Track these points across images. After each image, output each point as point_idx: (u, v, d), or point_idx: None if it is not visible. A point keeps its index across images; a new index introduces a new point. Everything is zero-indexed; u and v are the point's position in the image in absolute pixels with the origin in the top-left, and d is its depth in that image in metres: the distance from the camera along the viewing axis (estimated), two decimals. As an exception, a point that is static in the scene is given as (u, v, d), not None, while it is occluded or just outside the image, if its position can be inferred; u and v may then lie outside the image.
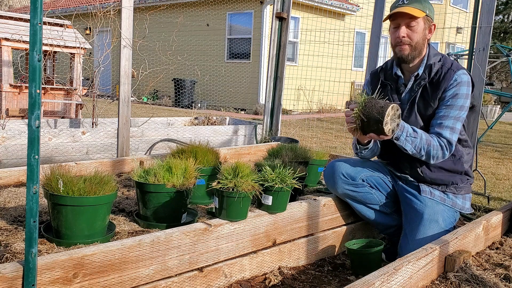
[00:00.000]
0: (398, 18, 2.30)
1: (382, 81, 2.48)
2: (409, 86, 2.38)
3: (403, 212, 2.41)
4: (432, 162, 2.29)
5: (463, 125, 2.34)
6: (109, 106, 6.67)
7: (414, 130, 2.23)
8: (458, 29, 17.80)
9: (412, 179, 2.41)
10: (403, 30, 2.32)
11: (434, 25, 2.37)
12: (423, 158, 2.28)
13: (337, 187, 2.41)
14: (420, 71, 2.35)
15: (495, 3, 3.12)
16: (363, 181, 2.40)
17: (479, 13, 3.15)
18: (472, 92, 2.33)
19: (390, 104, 2.03)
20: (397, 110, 2.07)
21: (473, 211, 2.71)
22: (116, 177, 2.91)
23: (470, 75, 2.35)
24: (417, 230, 2.29)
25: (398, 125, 2.10)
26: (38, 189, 1.35)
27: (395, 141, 2.22)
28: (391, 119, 2.05)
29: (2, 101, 5.69)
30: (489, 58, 3.43)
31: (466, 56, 3.51)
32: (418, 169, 2.35)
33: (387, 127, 2.04)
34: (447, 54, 10.94)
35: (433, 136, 2.26)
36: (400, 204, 2.45)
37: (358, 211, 2.49)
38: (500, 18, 28.08)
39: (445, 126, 2.25)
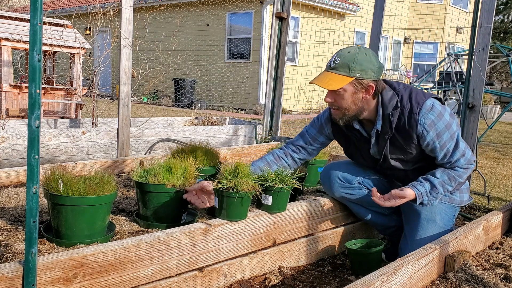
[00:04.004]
0: None
1: (344, 130, 2.32)
2: (373, 141, 2.25)
3: (402, 213, 2.41)
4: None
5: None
6: (109, 106, 6.66)
7: (432, 186, 2.16)
8: (458, 29, 17.79)
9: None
10: (328, 95, 2.12)
11: (372, 86, 2.08)
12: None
13: (334, 190, 2.40)
14: (379, 125, 2.16)
15: (495, 3, 3.12)
16: (359, 183, 2.39)
17: (479, 13, 3.14)
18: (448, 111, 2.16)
19: None
20: None
21: (473, 199, 2.69)
22: (116, 177, 2.91)
23: (435, 97, 2.17)
24: (415, 231, 2.29)
25: None
26: (38, 189, 1.35)
27: (421, 205, 2.21)
28: None
29: (2, 101, 5.69)
30: (489, 58, 3.42)
31: (466, 56, 3.50)
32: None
33: None
34: (447, 54, 10.88)
35: (452, 169, 2.19)
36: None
37: (357, 213, 2.48)
38: (500, 18, 28.08)
39: (455, 160, 2.17)
